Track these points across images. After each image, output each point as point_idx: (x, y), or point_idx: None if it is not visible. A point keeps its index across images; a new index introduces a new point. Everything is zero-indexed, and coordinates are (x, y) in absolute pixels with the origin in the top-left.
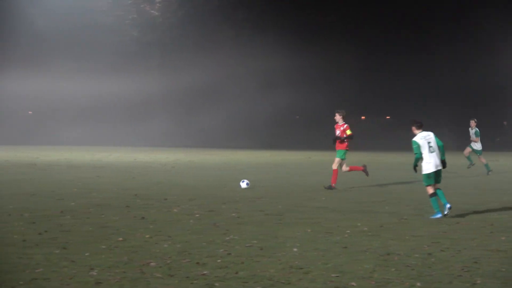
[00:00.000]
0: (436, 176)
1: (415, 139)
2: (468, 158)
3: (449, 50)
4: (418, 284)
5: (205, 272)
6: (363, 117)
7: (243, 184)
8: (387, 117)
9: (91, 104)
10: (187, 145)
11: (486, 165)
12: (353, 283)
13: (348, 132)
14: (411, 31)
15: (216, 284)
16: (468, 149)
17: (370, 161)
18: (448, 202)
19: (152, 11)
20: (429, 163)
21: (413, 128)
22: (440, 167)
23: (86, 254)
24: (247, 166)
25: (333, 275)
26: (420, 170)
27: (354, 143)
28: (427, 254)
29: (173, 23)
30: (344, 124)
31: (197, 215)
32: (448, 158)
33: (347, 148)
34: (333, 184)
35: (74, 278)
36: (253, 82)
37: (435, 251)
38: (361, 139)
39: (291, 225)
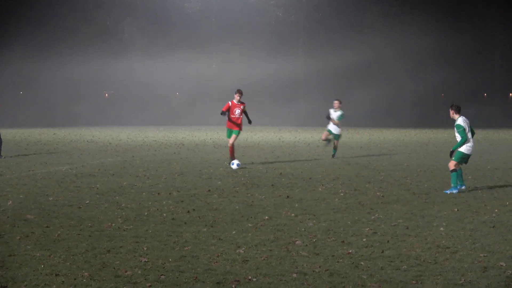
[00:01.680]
0: (467, 159)
1: (459, 122)
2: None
3: None
4: None
5: (350, 251)
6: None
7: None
8: None
9: (238, 85)
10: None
11: (334, 150)
12: (502, 263)
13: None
14: None
15: (362, 263)
16: (326, 133)
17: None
18: (464, 184)
19: None
20: (470, 146)
21: (452, 112)
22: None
23: (233, 232)
24: (392, 145)
25: (481, 255)
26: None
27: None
28: None
29: (319, 2)
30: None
31: (342, 194)
32: None
33: None
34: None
35: (221, 255)
36: (401, 62)
37: None
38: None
39: (437, 204)
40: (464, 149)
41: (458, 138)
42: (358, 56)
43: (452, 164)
